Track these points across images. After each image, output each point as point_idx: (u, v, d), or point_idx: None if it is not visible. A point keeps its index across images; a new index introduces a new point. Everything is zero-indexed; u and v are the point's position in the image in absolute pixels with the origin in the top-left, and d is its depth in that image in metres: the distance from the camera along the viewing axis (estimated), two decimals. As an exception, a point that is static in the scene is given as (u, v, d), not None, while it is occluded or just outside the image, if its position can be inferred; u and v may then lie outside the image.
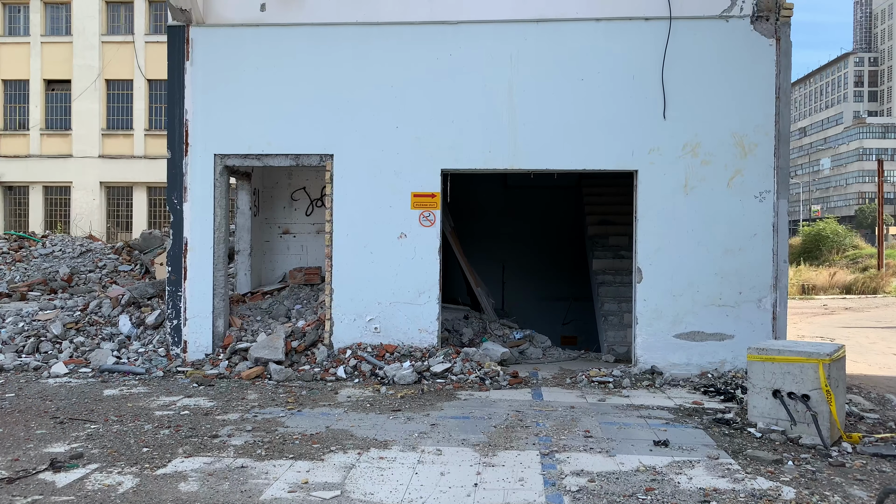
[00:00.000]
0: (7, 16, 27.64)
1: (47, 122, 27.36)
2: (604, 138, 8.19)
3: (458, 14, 8.37)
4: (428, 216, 8.42)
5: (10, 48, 27.53)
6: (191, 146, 8.61)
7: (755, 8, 7.98)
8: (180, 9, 8.41)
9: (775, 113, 8.02)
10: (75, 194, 26.99)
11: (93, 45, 26.98)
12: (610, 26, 8.18)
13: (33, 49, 27.42)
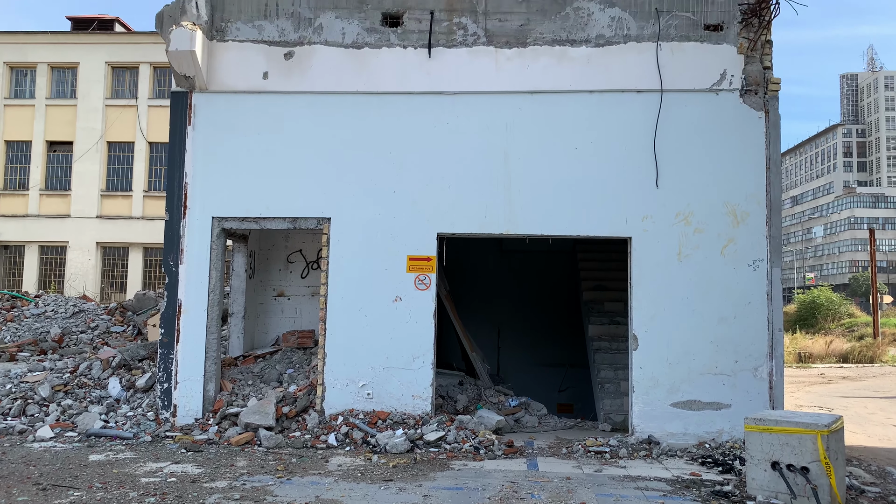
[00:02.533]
0: (14, 79, 28.24)
1: (47, 182, 27.62)
2: (598, 205, 8.29)
3: (456, 85, 8.59)
4: (423, 280, 8.43)
5: (14, 110, 28.02)
6: (189, 209, 8.68)
7: (744, 82, 8.22)
8: (184, 76, 8.62)
9: (766, 183, 8.16)
10: (71, 254, 26.99)
11: (96, 109, 27.48)
12: (603, 98, 8.40)
13: (38, 111, 27.91)
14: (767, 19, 8.01)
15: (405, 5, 8.70)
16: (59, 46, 27.93)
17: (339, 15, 8.73)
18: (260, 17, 8.80)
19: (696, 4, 8.34)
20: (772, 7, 7.89)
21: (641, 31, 8.39)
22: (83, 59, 27.59)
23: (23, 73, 28.30)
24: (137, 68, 27.53)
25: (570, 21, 8.50)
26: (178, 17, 8.65)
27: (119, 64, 27.62)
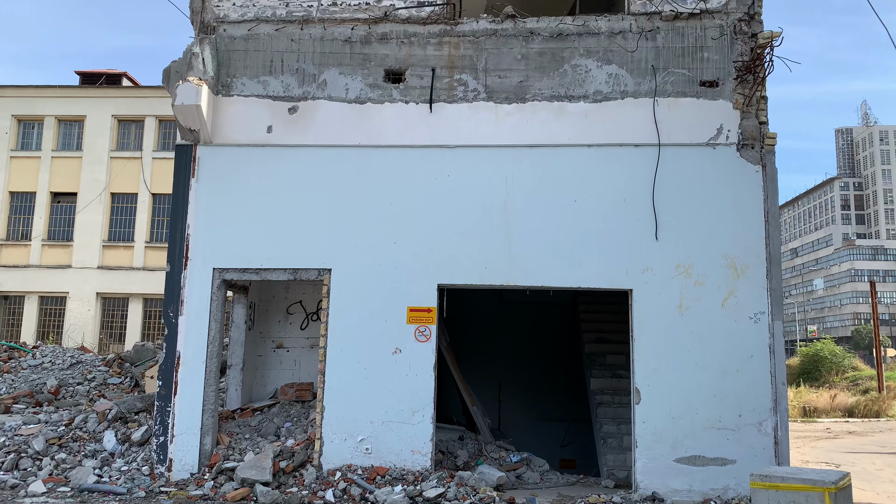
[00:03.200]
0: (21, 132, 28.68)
1: (50, 233, 27.77)
2: (598, 257, 8.32)
3: (457, 139, 8.71)
4: (424, 331, 8.40)
5: (20, 162, 28.37)
6: (190, 260, 8.70)
7: (740, 137, 8.34)
8: (189, 129, 8.76)
9: (765, 236, 8.20)
10: (71, 305, 26.93)
11: (101, 161, 27.83)
12: (601, 152, 8.51)
13: (43, 163, 28.25)
14: (761, 76, 8.19)
15: (407, 63, 8.91)
16: (66, 100, 28.45)
17: (343, 71, 8.93)
18: (265, 73, 9.00)
19: (692, 62, 8.53)
20: (765, 64, 8.07)
21: (638, 88, 8.56)
22: (90, 112, 28.07)
23: (30, 126, 28.76)
24: (143, 121, 27.98)
25: (568, 78, 8.69)
26: (185, 72, 8.84)
27: (125, 117, 28.09)
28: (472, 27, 8.91)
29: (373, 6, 9.00)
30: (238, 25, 9.09)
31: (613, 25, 8.68)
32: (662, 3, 8.58)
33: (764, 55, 8.04)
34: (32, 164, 28.24)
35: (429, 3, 8.95)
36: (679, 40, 8.56)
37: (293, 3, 9.08)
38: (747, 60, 8.30)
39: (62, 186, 27.99)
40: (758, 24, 8.46)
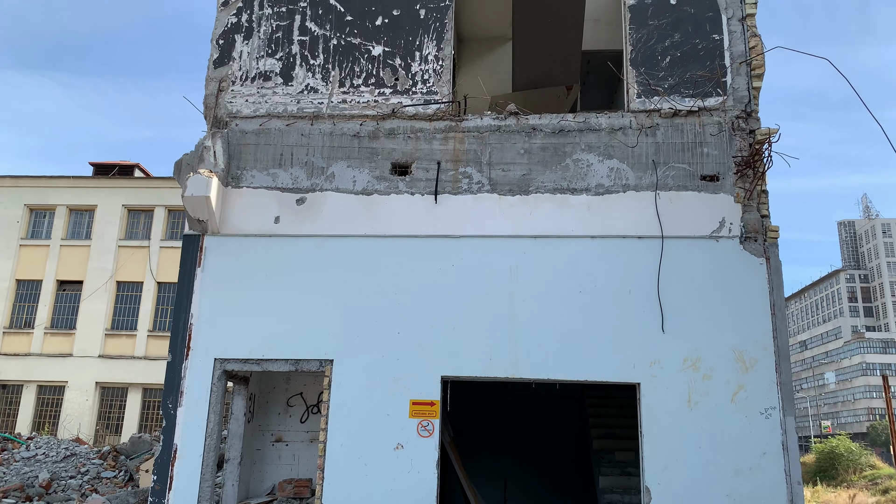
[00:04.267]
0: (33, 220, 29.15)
1: (53, 321, 27.73)
2: (604, 350, 8.21)
3: (461, 229, 8.79)
4: (426, 426, 8.19)
5: (29, 250, 28.70)
6: (192, 350, 8.62)
7: (743, 230, 8.40)
8: (198, 220, 8.88)
9: (772, 329, 8.11)
10: (69, 394, 26.56)
11: (109, 249, 28.14)
12: (605, 243, 8.56)
13: (52, 252, 28.57)
14: (761, 171, 8.33)
15: (413, 156, 9.11)
16: (78, 190, 29.10)
17: (351, 164, 9.13)
18: (275, 165, 9.20)
19: (692, 157, 8.70)
20: (764, 160, 8.22)
21: (640, 181, 8.70)
22: (101, 201, 28.65)
23: (42, 215, 29.27)
24: (152, 211, 28.48)
25: (571, 171, 8.85)
26: (196, 164, 9.05)
27: (135, 207, 28.62)
28: (477, 123, 9.16)
29: (381, 103, 9.30)
30: (250, 120, 9.38)
31: (614, 122, 8.92)
32: (661, 101, 8.85)
33: (762, 151, 8.21)
34: (41, 252, 28.56)
35: (435, 102, 9.24)
36: (678, 136, 8.77)
37: (304, 100, 9.40)
38: (746, 156, 8.47)
39: (69, 275, 28.20)
40: (755, 121, 8.68)
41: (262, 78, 9.51)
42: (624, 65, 9.18)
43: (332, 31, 9.56)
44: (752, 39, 8.78)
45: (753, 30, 8.85)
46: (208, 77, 9.59)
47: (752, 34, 8.80)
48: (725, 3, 8.97)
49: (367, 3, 9.58)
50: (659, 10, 9.08)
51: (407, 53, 9.41)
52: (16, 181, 29.01)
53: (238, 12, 9.74)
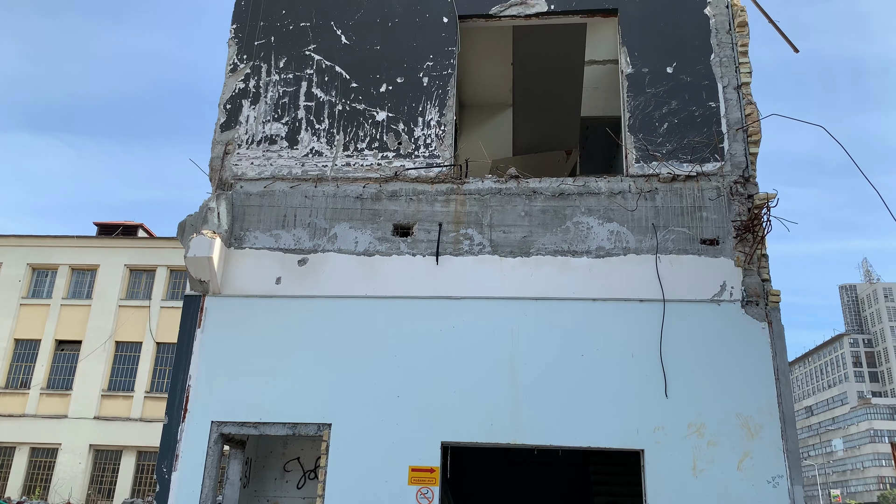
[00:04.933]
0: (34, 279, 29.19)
1: (50, 381, 27.45)
2: (607, 415, 8.09)
3: (462, 291, 8.79)
4: (426, 493, 7.99)
5: (29, 309, 28.65)
6: (189, 412, 8.50)
7: (744, 294, 8.39)
8: (200, 280, 8.90)
9: (777, 395, 8.01)
10: (62, 457, 26.05)
11: (110, 309, 28.09)
12: (606, 306, 8.54)
13: (52, 311, 28.51)
14: (760, 235, 8.38)
15: (415, 218, 9.20)
16: (81, 250, 29.26)
17: (354, 226, 9.20)
18: (278, 226, 9.28)
19: (692, 221, 8.77)
20: (763, 224, 8.28)
21: (640, 245, 8.75)
22: (104, 261, 28.75)
23: (44, 274, 29.33)
24: (154, 271, 28.55)
25: (571, 234, 8.91)
26: (200, 225, 9.13)
27: (137, 267, 28.70)
28: (478, 186, 9.28)
29: (384, 167, 9.45)
30: (254, 182, 9.51)
31: (613, 186, 9.03)
32: (660, 166, 8.98)
33: (761, 215, 8.28)
34: (41, 311, 28.50)
35: (437, 165, 9.39)
36: (678, 200, 8.87)
37: (309, 163, 9.55)
38: (745, 220, 8.54)
39: (68, 334, 28.07)
40: (753, 186, 8.79)
41: (268, 141, 9.69)
42: (622, 131, 9.36)
43: (338, 97, 9.79)
44: (748, 107, 8.98)
45: (749, 98, 9.05)
46: (215, 140, 9.78)
47: (747, 102, 9.00)
48: (721, 73, 9.21)
49: (372, 71, 9.84)
50: (656, 78, 9.32)
51: (410, 119, 9.62)
52: (20, 240, 29.19)
53: (246, 79, 10.01)
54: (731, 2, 9.46)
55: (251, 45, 10.17)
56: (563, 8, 9.83)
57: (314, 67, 9.96)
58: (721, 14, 9.45)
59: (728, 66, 9.22)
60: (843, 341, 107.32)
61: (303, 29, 10.16)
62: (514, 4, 9.91)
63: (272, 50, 10.11)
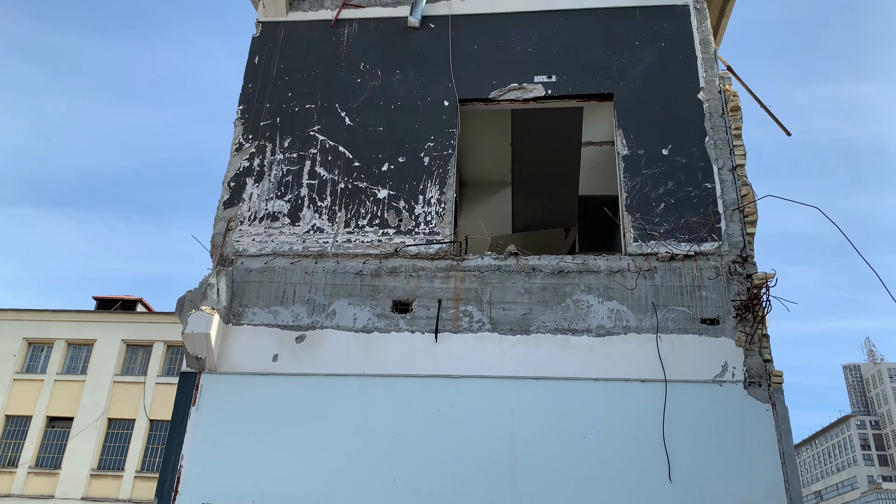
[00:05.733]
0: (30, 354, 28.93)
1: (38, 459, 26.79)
2: (610, 500, 7.84)
3: (461, 369, 8.70)
4: (422, 582, 7.66)
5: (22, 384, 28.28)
6: (180, 493, 8.26)
7: (746, 374, 8.30)
8: (196, 357, 8.82)
9: (784, 479, 7.80)
10: (46, 540, 25.15)
11: (104, 385, 27.74)
12: (608, 386, 8.43)
13: (45, 386, 28.14)
14: (760, 315, 8.36)
15: (415, 294, 9.20)
16: (79, 324, 29.12)
17: (353, 302, 9.20)
18: (277, 303, 9.27)
19: (691, 300, 8.77)
20: (763, 304, 8.28)
21: (640, 324, 8.72)
22: (101, 336, 28.57)
23: (39, 349, 29.08)
24: (151, 346, 28.34)
25: (571, 312, 8.89)
26: (199, 301, 9.12)
27: (134, 342, 28.52)
28: (478, 263, 9.33)
29: (384, 243, 9.53)
30: (255, 259, 9.57)
31: (612, 265, 9.08)
32: (658, 245, 9.06)
33: (760, 295, 8.29)
34: (34, 387, 28.12)
35: (437, 242, 9.47)
36: (677, 279, 8.89)
37: (310, 240, 9.63)
38: (745, 300, 8.54)
39: (60, 411, 27.59)
40: (752, 266, 8.83)
41: (270, 218, 9.81)
42: (620, 210, 9.49)
43: (341, 175, 9.98)
44: (744, 188, 9.13)
45: (744, 179, 9.22)
46: (217, 217, 9.90)
47: (742, 183, 9.16)
48: (715, 155, 9.41)
49: (375, 151, 10.07)
50: (651, 160, 9.52)
51: (411, 197, 9.77)
52: (17, 314, 29.07)
53: (251, 157, 10.22)
54: (723, 87, 9.77)
55: (257, 125, 10.44)
56: (559, 93, 10.14)
57: (318, 147, 10.19)
58: (714, 99, 9.74)
59: (722, 148, 9.44)
60: (849, 423, 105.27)
61: (308, 111, 10.46)
62: (512, 89, 10.24)
63: (277, 130, 10.37)
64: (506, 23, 10.77)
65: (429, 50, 10.71)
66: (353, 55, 10.84)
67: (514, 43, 10.57)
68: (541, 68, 10.32)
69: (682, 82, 9.92)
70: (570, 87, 10.15)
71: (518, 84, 10.25)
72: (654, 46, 10.22)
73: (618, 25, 10.47)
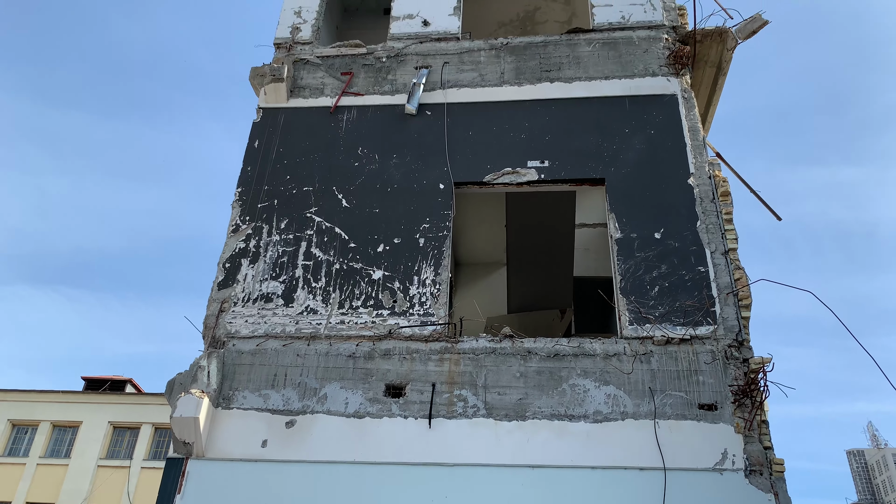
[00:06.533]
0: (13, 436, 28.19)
1: (14, 550, 25.69)
2: None
3: (456, 456, 8.47)
4: None
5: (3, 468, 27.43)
6: (158, 589, 7.86)
7: (746, 462, 8.09)
8: (184, 442, 8.59)
9: (791, 574, 7.49)
10: None
11: (88, 469, 26.92)
12: (606, 475, 8.19)
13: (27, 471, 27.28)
14: (759, 400, 8.23)
15: (408, 377, 9.06)
16: (65, 405, 28.52)
17: (345, 385, 9.04)
18: (268, 386, 9.11)
19: (688, 385, 8.65)
20: (761, 389, 8.17)
21: (638, 409, 8.56)
22: (87, 417, 27.92)
23: (23, 431, 28.36)
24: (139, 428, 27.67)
25: (567, 397, 8.74)
26: (189, 384, 8.96)
27: (121, 424, 27.86)
28: (472, 345, 9.24)
29: (378, 324, 9.46)
30: (247, 341, 9.46)
31: (608, 348, 9.00)
32: (653, 328, 9.01)
33: (758, 380, 8.19)
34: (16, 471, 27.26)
35: (431, 323, 9.41)
36: (673, 364, 8.80)
37: (303, 321, 9.56)
38: (742, 385, 8.43)
39: (41, 496, 26.65)
40: (748, 350, 8.76)
41: (264, 300, 9.77)
42: (615, 293, 9.49)
43: (336, 256, 10.01)
44: (737, 272, 9.17)
45: (737, 263, 9.27)
46: (211, 298, 9.86)
47: (735, 267, 9.21)
48: (707, 239, 9.50)
49: (371, 232, 10.14)
50: (644, 243, 9.59)
51: (406, 278, 9.77)
52: (3, 395, 28.48)
53: (247, 239, 10.28)
54: (713, 173, 9.97)
55: (254, 207, 10.56)
56: (552, 177, 10.33)
57: (314, 228, 10.27)
58: (704, 184, 9.92)
59: (714, 232, 9.54)
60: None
61: (306, 193, 10.60)
62: (506, 173, 10.43)
63: (274, 212, 10.48)
64: (499, 110, 11.08)
65: (425, 135, 10.96)
66: (352, 140, 11.09)
67: (507, 129, 10.84)
68: (534, 153, 10.55)
69: (673, 168, 10.12)
70: (563, 171, 10.35)
71: (512, 168, 10.45)
72: (644, 133, 10.48)
73: (608, 113, 10.77)
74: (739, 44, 11.41)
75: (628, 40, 11.50)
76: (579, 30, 11.82)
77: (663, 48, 11.29)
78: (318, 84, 11.84)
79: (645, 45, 11.39)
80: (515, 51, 11.71)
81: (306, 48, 12.30)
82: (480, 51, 11.81)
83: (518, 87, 11.28)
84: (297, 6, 12.89)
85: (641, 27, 11.62)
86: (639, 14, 11.77)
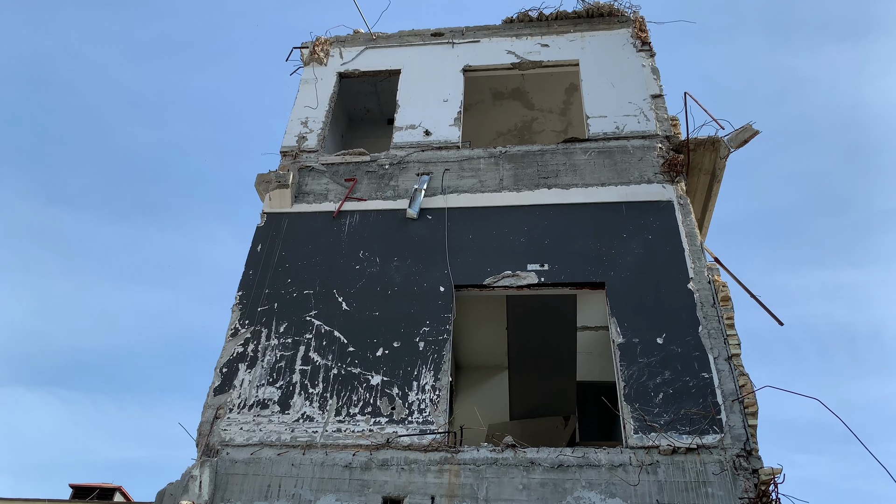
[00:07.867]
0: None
1: None
2: None
3: (455, 575, 8.05)
4: None
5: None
6: None
7: (763, 583, 7.67)
8: (169, 558, 8.19)
9: None
10: None
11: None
12: None
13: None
14: None
15: (406, 490, 8.74)
16: (53, 515, 27.36)
17: (340, 498, 8.70)
18: (261, 497, 8.78)
19: (697, 497, 8.19)
20: (773, 502, 7.84)
21: (646, 523, 8.19)
22: (73, 528, 26.72)
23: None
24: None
25: (572, 510, 8.38)
26: (180, 494, 8.65)
27: (109, 535, 26.64)
28: (473, 455, 8.96)
29: (376, 432, 9.22)
30: (241, 449, 9.20)
31: (613, 458, 8.72)
32: (659, 437, 8.76)
33: (769, 493, 7.88)
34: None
35: (430, 432, 9.17)
36: (681, 474, 8.49)
37: (299, 429, 9.33)
38: (753, 497, 8.10)
39: None
40: (757, 460, 8.47)
41: (260, 406, 9.58)
42: (619, 399, 9.30)
43: (334, 360, 9.90)
44: (741, 378, 9.01)
45: (741, 369, 9.12)
46: (206, 404, 9.67)
47: (739, 373, 9.06)
48: (710, 344, 9.40)
49: (370, 336, 10.07)
50: (647, 349, 9.49)
51: (405, 383, 9.61)
52: (-12, 502, 27.39)
53: (245, 343, 10.20)
54: (712, 278, 9.99)
55: (254, 311, 10.54)
56: (552, 280, 10.36)
57: (313, 332, 10.21)
58: (704, 289, 9.92)
59: (717, 337, 9.45)
60: None
61: (306, 296, 10.61)
62: (506, 276, 10.47)
63: (274, 316, 10.45)
64: (499, 215, 11.26)
65: (426, 239, 11.09)
66: (354, 243, 11.21)
67: (507, 233, 10.97)
68: (533, 257, 10.63)
69: (672, 273, 10.16)
70: (563, 275, 10.38)
71: (512, 271, 10.50)
72: (642, 238, 10.60)
73: (606, 218, 10.94)
74: (732, 152, 11.73)
75: (623, 149, 11.84)
76: (575, 139, 12.20)
77: (658, 156, 11.60)
78: (322, 190, 12.11)
79: (640, 154, 11.72)
80: (514, 159, 12.04)
81: (312, 156, 12.66)
82: (480, 158, 12.15)
83: (517, 192, 11.52)
84: (304, 117, 13.37)
85: (636, 136, 11.99)
86: (633, 124, 12.18)
